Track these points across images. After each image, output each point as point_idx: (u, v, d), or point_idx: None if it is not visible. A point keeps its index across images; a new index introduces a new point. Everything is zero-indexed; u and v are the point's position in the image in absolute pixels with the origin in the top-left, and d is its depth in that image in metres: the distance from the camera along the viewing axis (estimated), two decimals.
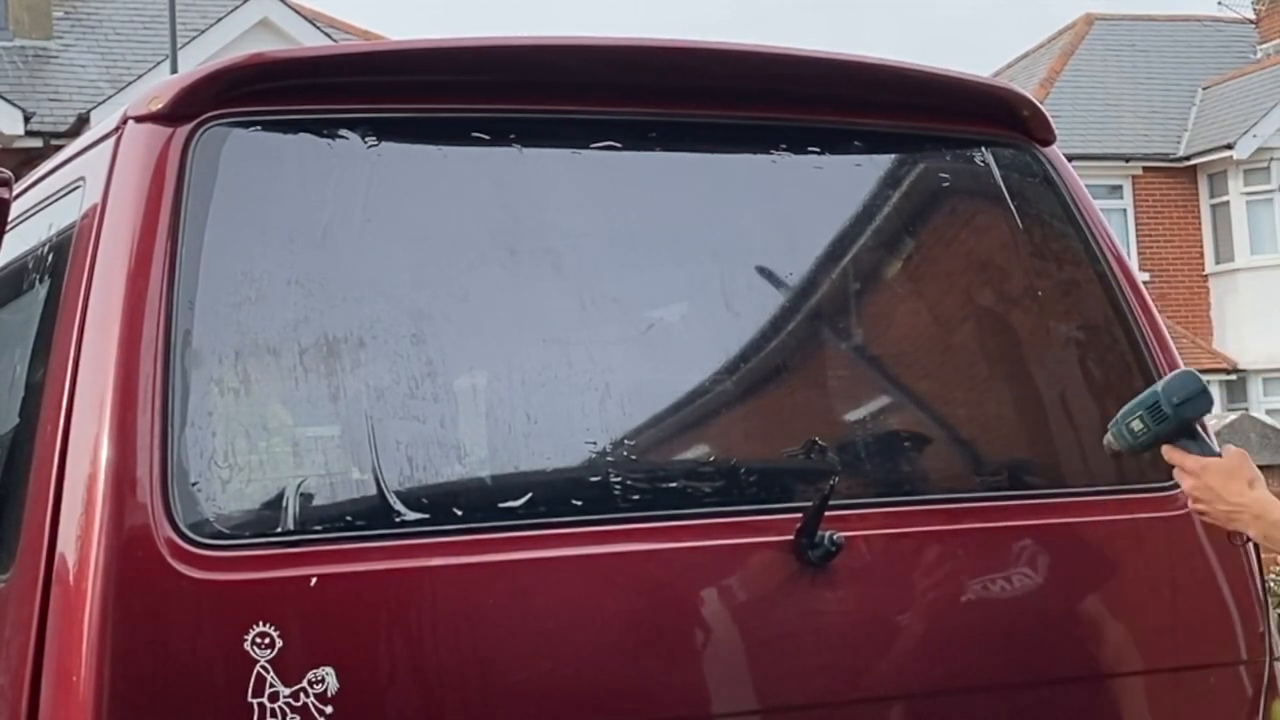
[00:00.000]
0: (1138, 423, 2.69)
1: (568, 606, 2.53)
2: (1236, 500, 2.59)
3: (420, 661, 2.45)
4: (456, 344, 2.67)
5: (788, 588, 2.65)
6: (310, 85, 2.68)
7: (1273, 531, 2.57)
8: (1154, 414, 2.67)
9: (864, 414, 2.95)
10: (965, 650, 2.78)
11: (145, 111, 2.59)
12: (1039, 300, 3.09)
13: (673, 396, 2.77)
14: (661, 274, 2.89)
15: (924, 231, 3.14)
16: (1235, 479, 2.61)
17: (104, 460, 2.36)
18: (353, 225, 2.62)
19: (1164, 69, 27.88)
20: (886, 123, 3.06)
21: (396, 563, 2.45)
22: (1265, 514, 2.57)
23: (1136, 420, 2.69)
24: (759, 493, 2.72)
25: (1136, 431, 2.70)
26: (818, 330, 2.97)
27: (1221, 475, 2.62)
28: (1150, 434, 2.68)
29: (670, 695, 2.58)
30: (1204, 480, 2.63)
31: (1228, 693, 3.02)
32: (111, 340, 2.42)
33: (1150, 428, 2.68)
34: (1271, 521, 2.57)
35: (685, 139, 2.92)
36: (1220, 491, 2.61)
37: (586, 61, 2.87)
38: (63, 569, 2.36)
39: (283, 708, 2.32)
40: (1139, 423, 2.69)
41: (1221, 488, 2.61)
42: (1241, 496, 2.59)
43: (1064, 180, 3.16)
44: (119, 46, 20.92)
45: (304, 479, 2.48)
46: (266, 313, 2.51)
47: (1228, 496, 2.60)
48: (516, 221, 2.74)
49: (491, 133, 2.76)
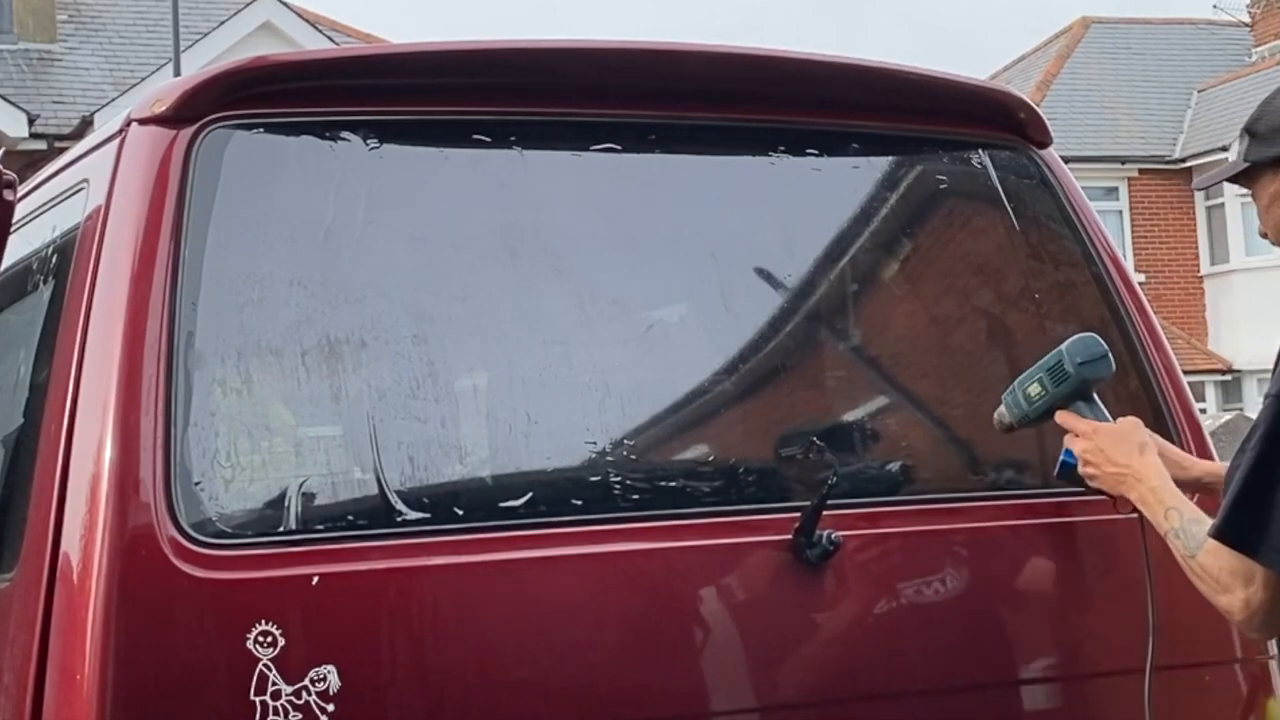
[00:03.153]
0: (1035, 386, 2.67)
1: (567, 605, 2.54)
2: (1124, 462, 2.59)
3: (421, 660, 2.46)
4: (457, 344, 2.68)
5: (786, 587, 2.66)
6: (312, 88, 2.69)
7: (1148, 496, 2.55)
8: (1055, 374, 2.66)
9: (862, 414, 2.97)
10: (963, 648, 2.79)
11: (149, 114, 2.60)
12: (1035, 301, 3.10)
13: (672, 397, 2.78)
14: (661, 275, 2.91)
15: (921, 233, 3.16)
16: (1126, 442, 2.61)
17: (107, 460, 2.37)
18: (354, 227, 2.63)
19: (1160, 72, 27.91)
20: (884, 125, 3.07)
21: (398, 562, 2.47)
22: (1146, 478, 2.56)
23: (1034, 384, 2.67)
24: (757, 492, 2.74)
25: (1033, 396, 2.67)
26: (816, 331, 2.98)
27: (1113, 439, 2.62)
28: (1047, 397, 2.66)
29: (669, 693, 2.59)
30: (1095, 443, 2.62)
31: (1223, 691, 3.03)
32: (115, 341, 2.44)
33: (1048, 390, 2.66)
34: (1150, 486, 2.55)
35: (684, 141, 2.93)
36: (1110, 454, 2.60)
37: (586, 65, 2.88)
38: (66, 568, 2.37)
39: (285, 706, 2.33)
40: (1037, 385, 2.67)
41: (1112, 450, 2.61)
42: (1129, 459, 2.59)
43: (1060, 182, 3.17)
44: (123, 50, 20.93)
45: (306, 479, 2.49)
46: (269, 313, 2.53)
47: (1116, 459, 2.60)
48: (517, 223, 2.75)
49: (492, 135, 2.77)
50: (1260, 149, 2.56)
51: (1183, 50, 28.66)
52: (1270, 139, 2.55)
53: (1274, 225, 2.59)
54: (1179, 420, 3.06)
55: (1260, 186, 2.59)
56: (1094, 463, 2.64)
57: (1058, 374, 2.67)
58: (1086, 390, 2.68)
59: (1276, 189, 2.56)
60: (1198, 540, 2.46)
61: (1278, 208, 2.56)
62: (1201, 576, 2.46)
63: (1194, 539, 2.47)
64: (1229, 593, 2.42)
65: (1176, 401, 3.08)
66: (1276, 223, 2.58)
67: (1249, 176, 2.60)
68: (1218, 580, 2.43)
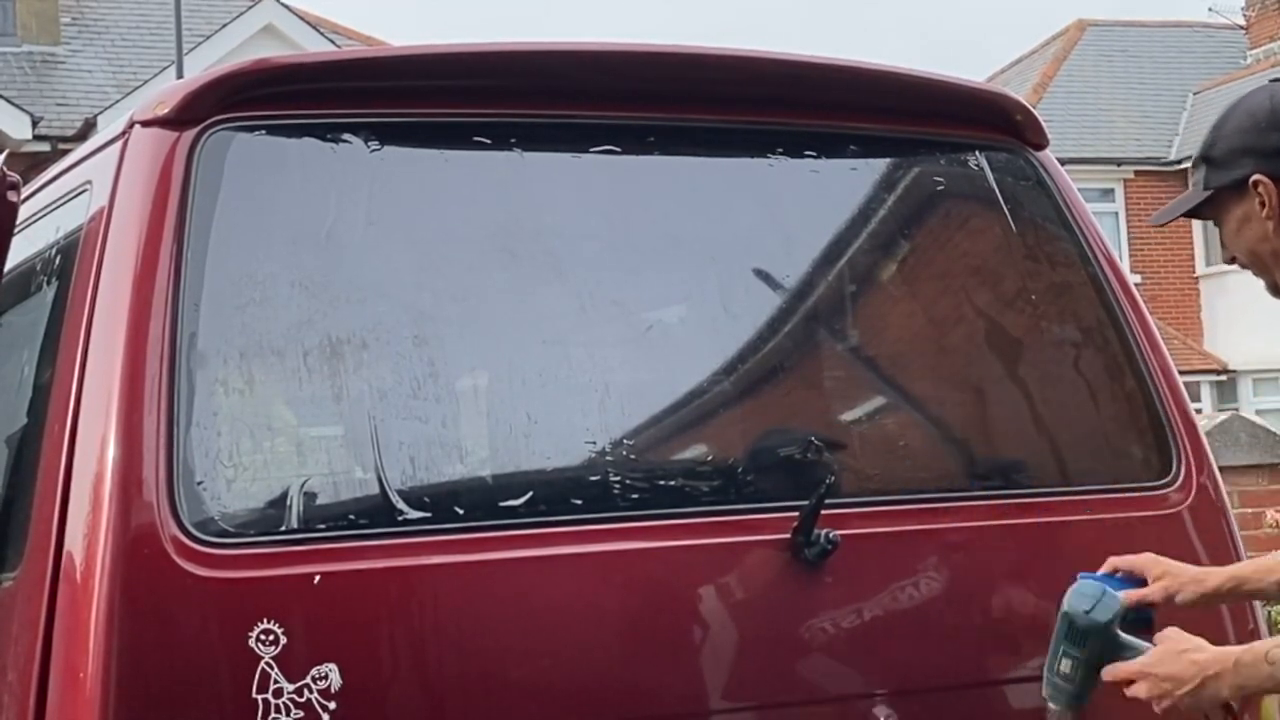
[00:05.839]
0: (1065, 662, 2.45)
1: (567, 604, 2.55)
2: (1193, 675, 2.34)
3: (422, 658, 2.48)
4: (458, 345, 2.69)
5: (784, 585, 2.68)
6: (314, 90, 2.70)
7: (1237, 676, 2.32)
8: (1074, 638, 2.45)
9: (860, 414, 2.99)
10: (961, 647, 2.81)
11: (151, 116, 2.61)
12: (1032, 302, 3.12)
13: (671, 397, 2.79)
14: (660, 276, 2.93)
15: (918, 234, 3.17)
16: (1180, 659, 2.37)
17: (110, 460, 2.38)
18: (355, 228, 2.65)
19: (1155, 74, 27.93)
20: (882, 127, 3.09)
21: (399, 561, 2.48)
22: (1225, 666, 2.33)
23: (1062, 660, 2.45)
24: (756, 491, 2.75)
25: (1068, 673, 2.45)
26: (814, 332, 3.00)
27: (1167, 662, 2.38)
28: (1082, 664, 2.44)
29: (668, 692, 2.60)
30: (1155, 679, 2.38)
31: None
32: (118, 341, 2.45)
33: (1079, 658, 2.44)
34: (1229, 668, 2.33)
35: (683, 143, 2.95)
36: (1177, 676, 2.36)
37: (586, 67, 2.89)
38: (70, 567, 2.39)
39: (287, 704, 2.34)
40: (1066, 661, 2.45)
41: (1178, 673, 2.36)
42: (1192, 670, 2.35)
43: (1057, 184, 3.18)
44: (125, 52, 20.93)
45: (307, 478, 2.51)
46: (270, 314, 2.54)
47: (1185, 678, 2.35)
48: (517, 224, 2.77)
49: (492, 137, 2.78)
50: (1220, 175, 2.51)
51: (1179, 53, 28.68)
52: (1228, 163, 2.50)
53: (1245, 249, 2.52)
54: (1175, 421, 3.08)
55: (1225, 212, 2.53)
56: (1166, 694, 2.37)
57: (1076, 636, 2.45)
58: (1111, 633, 2.44)
59: (1243, 211, 2.49)
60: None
61: (1248, 230, 2.50)
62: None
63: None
64: None
65: (1172, 402, 3.09)
66: (1249, 246, 2.51)
67: (1212, 205, 2.54)
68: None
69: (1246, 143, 2.49)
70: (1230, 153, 2.50)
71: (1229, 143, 2.51)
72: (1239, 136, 2.51)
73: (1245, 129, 2.51)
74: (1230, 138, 2.52)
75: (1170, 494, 3.01)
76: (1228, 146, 2.51)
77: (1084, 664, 2.44)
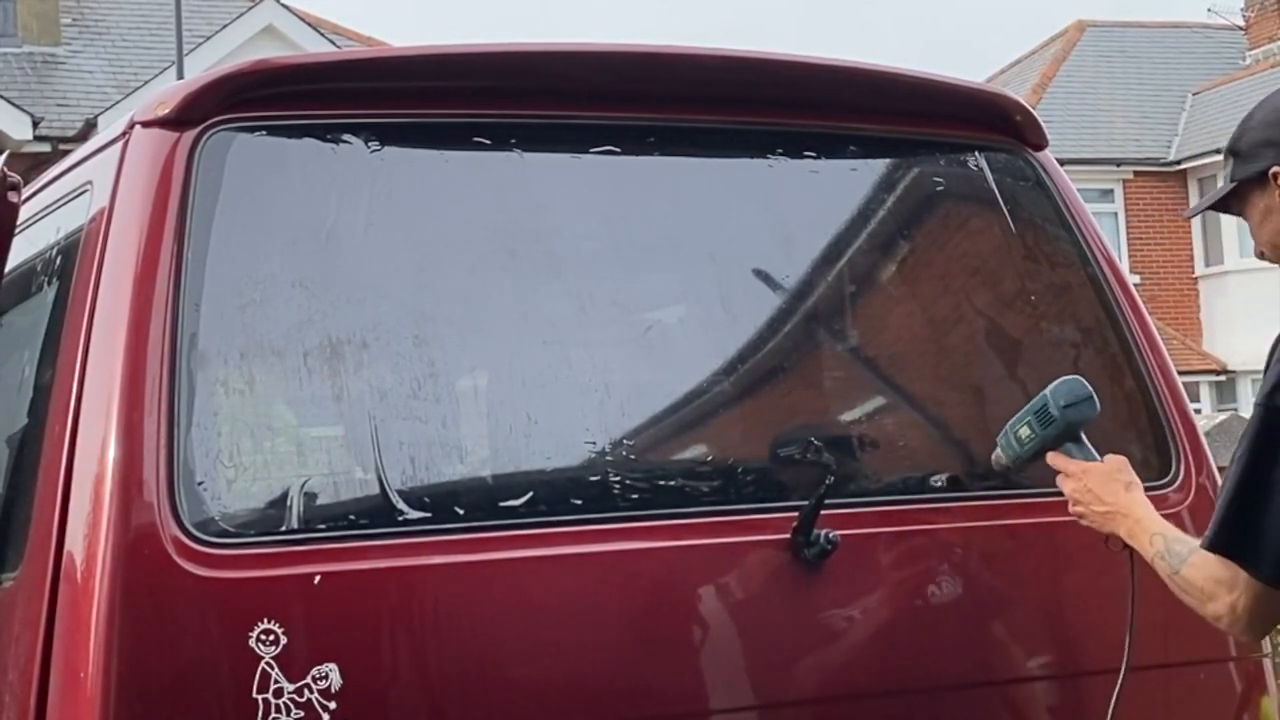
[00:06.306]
0: (1025, 429, 2.70)
1: (567, 604, 2.56)
2: (1111, 501, 2.62)
3: (422, 658, 2.48)
4: (458, 345, 2.70)
5: (784, 585, 2.68)
6: (314, 90, 2.70)
7: (1135, 528, 2.59)
8: (1041, 418, 2.69)
9: (859, 414, 2.99)
10: (962, 646, 2.81)
11: (152, 116, 2.62)
12: (1031, 302, 3.12)
13: (671, 397, 2.80)
14: (660, 277, 2.93)
15: (918, 235, 3.18)
16: (1113, 481, 2.64)
17: (111, 460, 2.39)
18: (356, 228, 2.65)
19: (1155, 75, 27.93)
20: (881, 128, 3.09)
21: (399, 561, 2.48)
22: (1131, 513, 2.60)
23: (1024, 427, 2.71)
24: (756, 492, 2.76)
25: (1024, 439, 2.71)
26: (814, 332, 3.00)
27: (1101, 478, 2.65)
28: (1037, 439, 2.69)
29: (668, 692, 2.61)
30: (1085, 483, 2.65)
31: (1218, 689, 3.05)
32: (118, 342, 2.45)
33: (1037, 433, 2.69)
34: (1135, 518, 2.59)
35: (683, 144, 2.95)
36: (1099, 493, 2.63)
37: (586, 67, 2.90)
38: (70, 567, 2.39)
39: (287, 703, 2.35)
40: (1026, 429, 2.70)
41: (1100, 489, 2.64)
42: (1116, 498, 2.62)
43: (1056, 184, 3.19)
44: (126, 53, 20.92)
45: (308, 478, 2.51)
46: (271, 315, 2.54)
47: (1104, 498, 2.63)
48: (517, 225, 2.77)
49: (492, 138, 2.79)
50: (1245, 167, 2.54)
51: (1178, 53, 28.67)
52: (1253, 155, 2.53)
53: (1269, 240, 2.56)
54: (1174, 421, 3.08)
55: (1250, 205, 2.56)
56: (1083, 501, 2.66)
57: (1044, 417, 2.69)
58: (1074, 431, 2.70)
59: (1267, 204, 2.53)
60: (1181, 557, 2.50)
61: (1270, 222, 2.53)
62: (1188, 590, 2.50)
63: (1177, 556, 2.51)
64: (1214, 600, 2.46)
65: (1171, 402, 3.09)
66: (1272, 237, 2.55)
67: (1239, 197, 2.58)
68: (1203, 590, 2.47)
69: (1270, 135, 2.52)
70: (1254, 145, 2.54)
71: (1254, 136, 2.55)
72: (1263, 130, 2.54)
73: (1270, 122, 2.54)
74: (1255, 131, 2.55)
75: (1170, 494, 3.01)
76: (1252, 140, 2.55)
77: (1038, 440, 2.70)
